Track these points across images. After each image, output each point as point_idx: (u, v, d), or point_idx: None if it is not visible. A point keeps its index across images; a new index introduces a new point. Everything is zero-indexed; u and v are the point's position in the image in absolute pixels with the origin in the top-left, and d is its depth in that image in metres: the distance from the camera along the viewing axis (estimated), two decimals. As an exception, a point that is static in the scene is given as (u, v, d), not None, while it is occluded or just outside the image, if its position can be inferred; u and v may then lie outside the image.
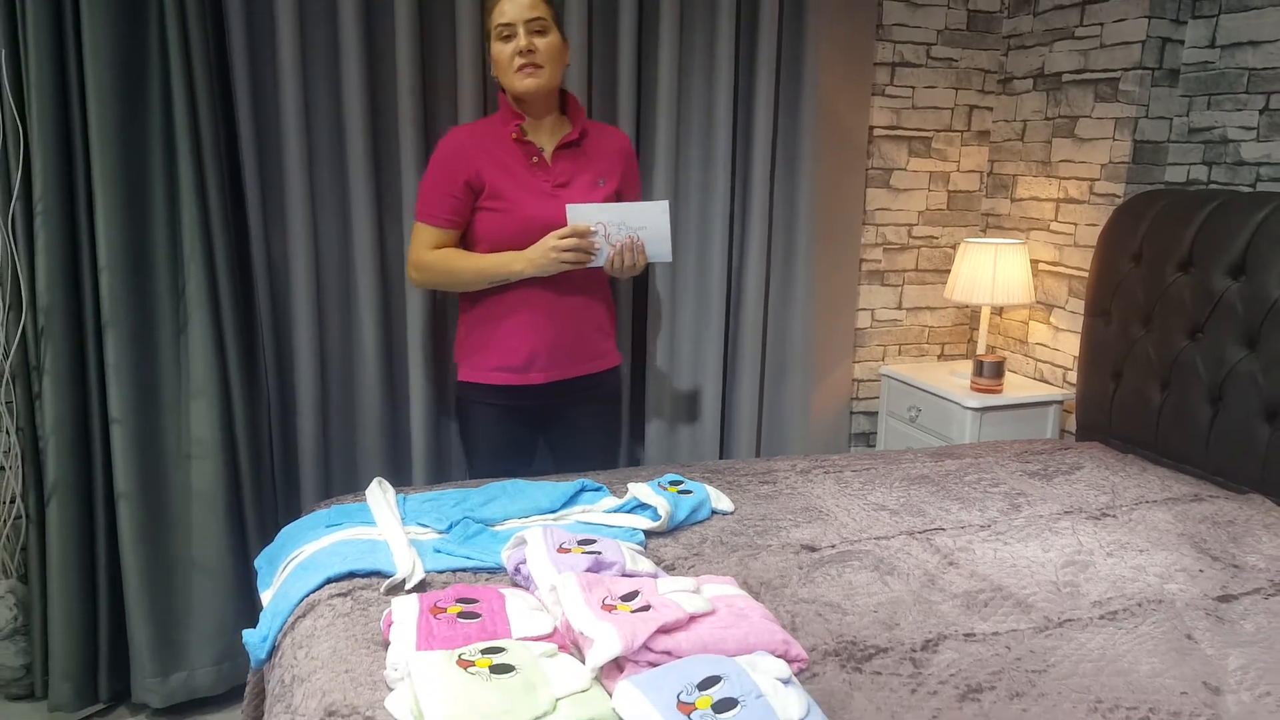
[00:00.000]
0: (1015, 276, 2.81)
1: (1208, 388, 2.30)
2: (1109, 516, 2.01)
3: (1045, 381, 3.01)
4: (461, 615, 1.39)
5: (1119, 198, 2.69)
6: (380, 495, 1.88)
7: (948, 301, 3.23)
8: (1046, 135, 2.94)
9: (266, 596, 1.72)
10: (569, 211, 2.05)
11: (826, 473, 2.25)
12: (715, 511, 1.97)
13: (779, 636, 1.37)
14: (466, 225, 2.16)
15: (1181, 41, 2.61)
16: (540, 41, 2.04)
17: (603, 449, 2.37)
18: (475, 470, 2.29)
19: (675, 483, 2.01)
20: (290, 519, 2.52)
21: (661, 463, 2.87)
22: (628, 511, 1.90)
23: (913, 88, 3.05)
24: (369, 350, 2.51)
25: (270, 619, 1.58)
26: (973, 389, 2.85)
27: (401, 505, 1.88)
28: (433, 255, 2.14)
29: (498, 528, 1.82)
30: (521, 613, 1.41)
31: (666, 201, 2.07)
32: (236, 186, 2.36)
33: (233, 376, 2.32)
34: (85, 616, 2.28)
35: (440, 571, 1.64)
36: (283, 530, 1.88)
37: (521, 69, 2.04)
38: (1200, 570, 1.76)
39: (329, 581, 1.60)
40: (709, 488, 2.02)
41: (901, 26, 2.99)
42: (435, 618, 1.38)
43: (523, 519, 1.85)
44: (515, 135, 2.12)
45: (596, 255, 2.08)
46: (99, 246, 2.16)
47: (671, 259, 2.17)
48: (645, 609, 1.35)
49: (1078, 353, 2.83)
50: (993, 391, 2.82)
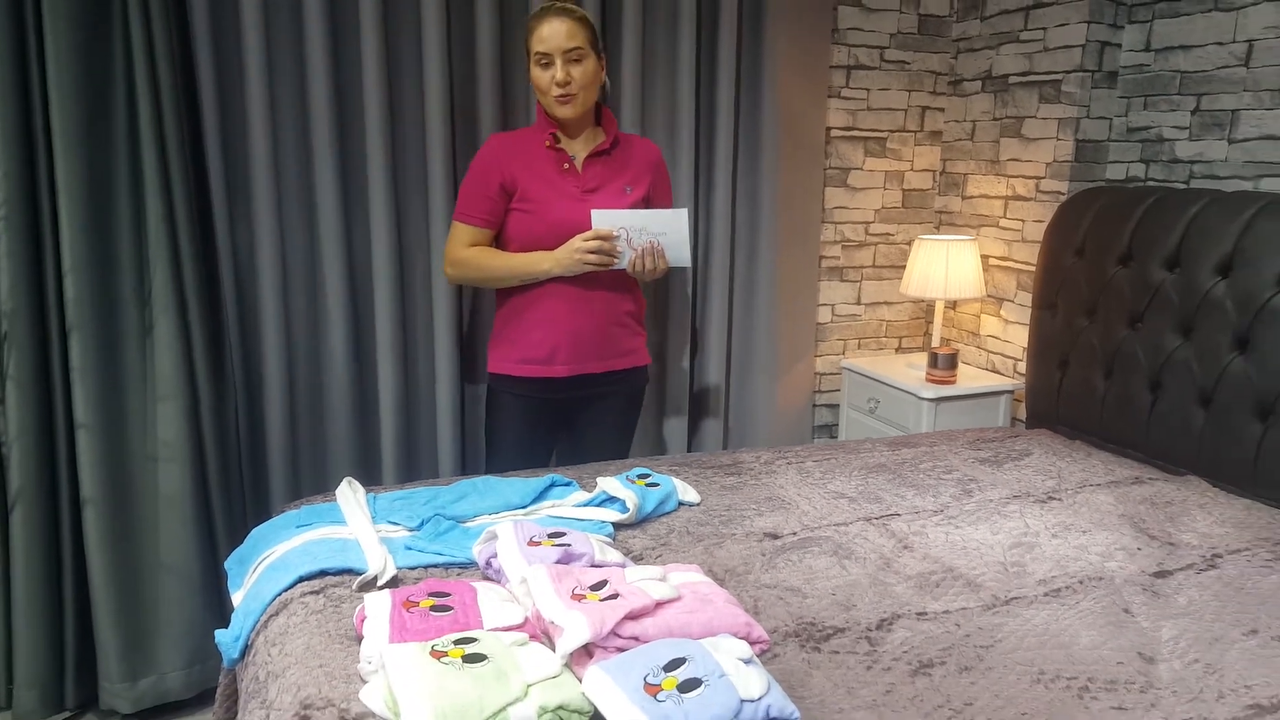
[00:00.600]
0: (967, 271, 2.90)
1: (1147, 375, 2.39)
2: (1054, 500, 2.10)
3: (997, 372, 3.11)
4: (434, 608, 1.42)
5: (1063, 195, 2.79)
6: (350, 495, 1.91)
7: (904, 296, 3.32)
8: (995, 135, 3.04)
9: (238, 597, 1.74)
10: (594, 216, 2.15)
11: (789, 463, 2.31)
12: (682, 503, 2.03)
13: (742, 619, 1.42)
14: (500, 225, 2.27)
15: (1119, 45, 2.71)
16: (576, 70, 2.15)
17: (616, 447, 2.45)
18: (494, 460, 2.37)
19: (643, 476, 2.06)
20: (259, 521, 2.53)
21: (634, 456, 2.92)
22: (597, 505, 1.95)
23: (867, 90, 3.13)
24: (337, 350, 2.53)
25: (243, 618, 1.60)
26: (928, 380, 2.93)
27: (372, 504, 1.91)
28: (468, 253, 2.26)
29: (468, 524, 1.85)
30: (493, 604, 1.45)
31: (686, 210, 2.18)
32: (202, 188, 2.36)
33: (200, 379, 2.33)
34: (51, 623, 2.26)
35: (412, 568, 1.67)
36: (253, 531, 1.89)
37: (559, 98, 2.16)
38: (1139, 549, 1.85)
39: (301, 580, 1.62)
40: (676, 480, 2.07)
41: (856, 31, 3.07)
42: (408, 611, 1.41)
43: (493, 515, 1.89)
44: (549, 143, 2.23)
45: (619, 258, 2.18)
46: (63, 249, 2.14)
47: (689, 265, 2.27)
48: (613, 597, 1.40)
49: (1027, 344, 2.92)
50: (947, 382, 2.91)
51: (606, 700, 1.20)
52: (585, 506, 1.94)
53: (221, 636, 1.60)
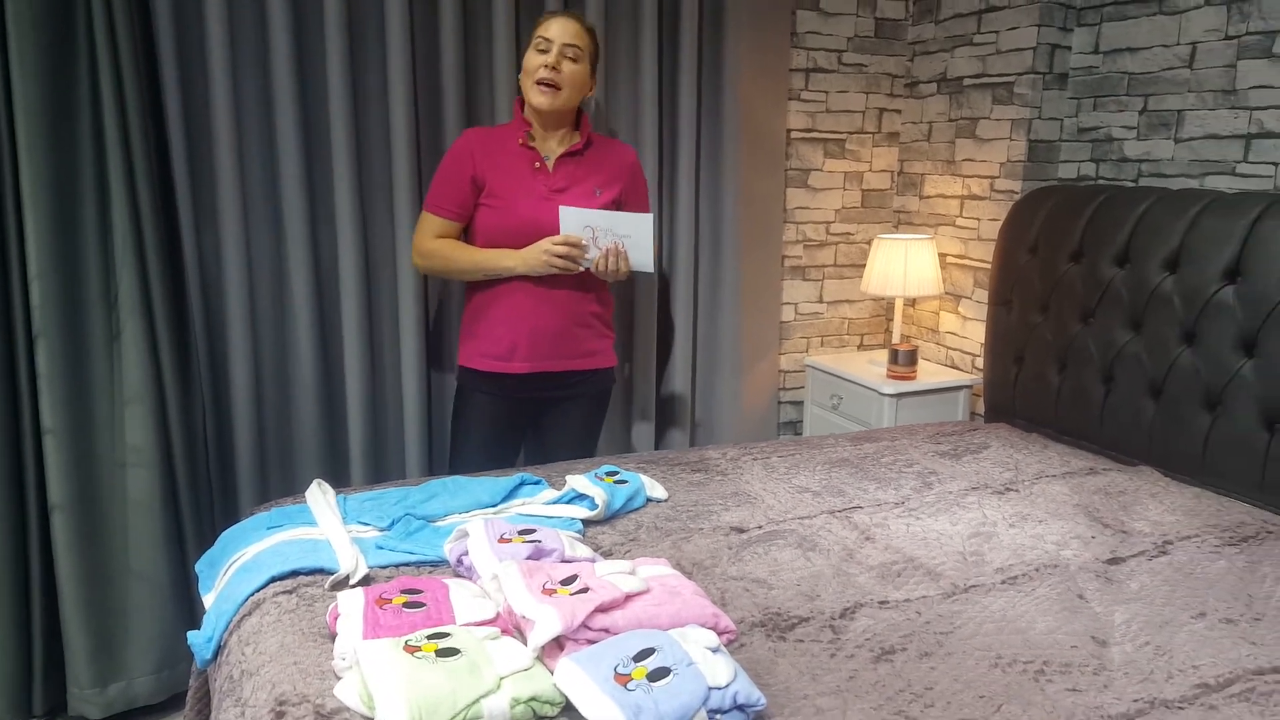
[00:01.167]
0: (925, 270, 2.96)
1: (1099, 369, 2.46)
2: (1012, 491, 2.15)
3: (956, 368, 3.17)
4: (407, 605, 1.44)
5: (1017, 194, 2.85)
6: (320, 496, 1.91)
7: (864, 294, 3.38)
8: (950, 136, 3.10)
9: (209, 599, 1.74)
10: (561, 213, 2.18)
11: (755, 459, 2.35)
12: (650, 499, 2.06)
13: (709, 611, 1.45)
14: (469, 219, 2.30)
15: (1069, 48, 2.79)
16: (568, 66, 2.19)
17: (582, 447, 2.47)
18: (458, 457, 2.38)
19: (611, 473, 2.09)
20: (227, 524, 2.53)
21: (603, 453, 2.95)
22: (566, 502, 1.98)
23: (826, 92, 3.18)
24: (304, 353, 2.53)
25: (215, 619, 1.60)
26: (889, 377, 2.99)
27: (342, 505, 1.91)
28: (436, 244, 2.29)
29: (439, 523, 1.87)
30: (465, 600, 1.47)
31: (652, 215, 2.20)
32: (167, 192, 2.36)
33: (167, 383, 2.32)
34: (19, 629, 2.25)
35: (384, 567, 1.69)
36: (223, 534, 1.89)
37: (540, 84, 2.18)
38: (1093, 537, 1.90)
39: (273, 580, 1.63)
40: (644, 477, 2.10)
41: (814, 34, 3.12)
42: (381, 608, 1.43)
43: (464, 514, 1.91)
44: (522, 141, 2.26)
45: (585, 262, 2.21)
46: (28, 255, 2.13)
47: (653, 270, 2.29)
48: (584, 591, 1.42)
49: (984, 339, 2.98)
50: (907, 378, 2.97)
51: (578, 690, 1.23)
52: (555, 504, 1.97)
53: (194, 638, 1.60)
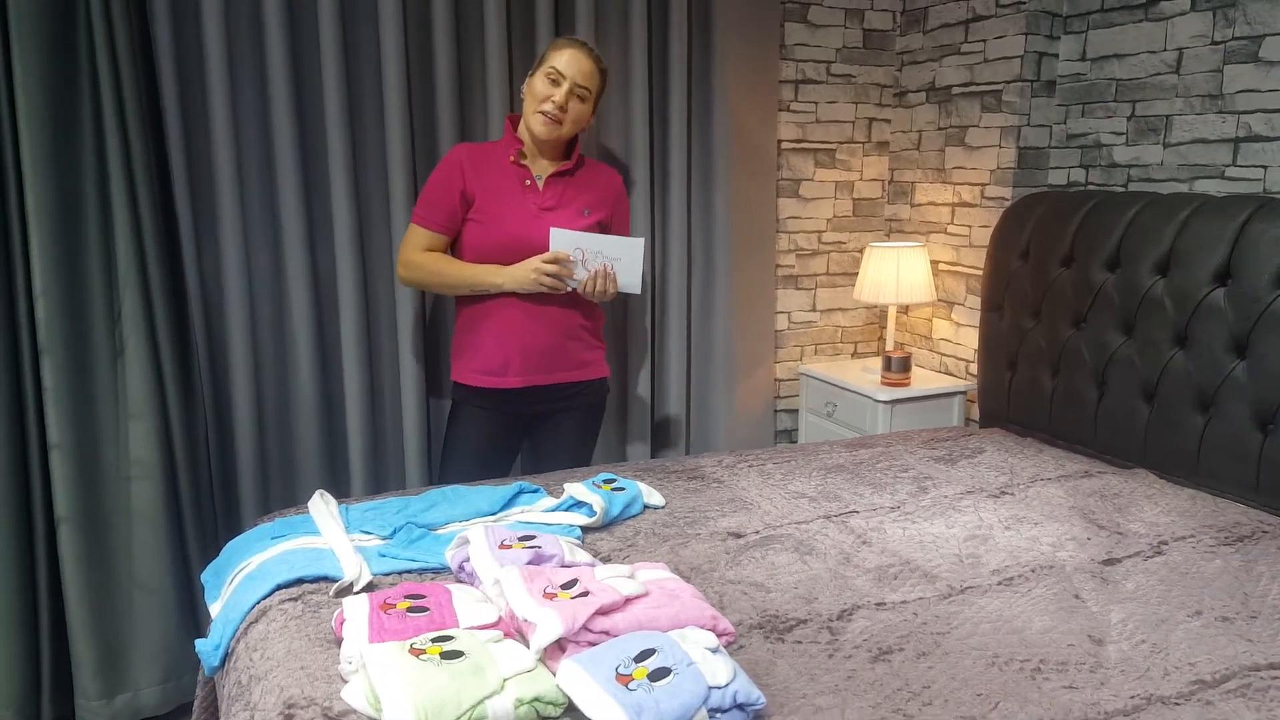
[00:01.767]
0: (917, 277, 2.99)
1: (1093, 373, 2.48)
2: (1007, 494, 2.17)
3: (949, 374, 3.19)
4: (411, 610, 1.46)
5: (1007, 200, 2.89)
6: (323, 506, 1.93)
7: (857, 302, 3.40)
8: (940, 144, 3.14)
9: (215, 608, 1.76)
10: (552, 234, 2.20)
11: (750, 466, 2.37)
12: (647, 506, 2.08)
13: (708, 613, 1.47)
14: (457, 233, 2.31)
15: (1056, 55, 2.83)
16: (575, 105, 2.22)
17: (577, 458, 2.48)
18: (450, 470, 2.39)
19: (609, 481, 2.11)
20: (230, 536, 2.54)
21: (598, 463, 2.97)
22: (565, 510, 2.00)
23: (815, 103, 3.22)
24: (304, 366, 2.55)
25: (222, 626, 1.62)
26: (883, 383, 3.01)
27: (344, 515, 1.93)
28: (422, 256, 2.30)
29: (440, 531, 1.89)
30: (468, 605, 1.48)
31: (643, 239, 2.23)
32: (168, 211, 2.39)
33: (170, 397, 2.35)
34: (27, 642, 2.27)
35: (387, 574, 1.71)
36: (228, 544, 1.91)
37: (545, 115, 2.20)
38: (1088, 538, 1.92)
39: (279, 588, 1.65)
40: (641, 484, 2.12)
41: (803, 46, 3.15)
42: (386, 613, 1.45)
43: (464, 522, 1.93)
44: (513, 158, 2.28)
45: (573, 282, 2.23)
46: (33, 273, 2.16)
47: (640, 292, 2.31)
48: (584, 595, 1.44)
49: (977, 345, 3.01)
50: (901, 385, 2.99)
51: (580, 691, 1.25)
52: (553, 511, 1.99)
53: (202, 645, 1.62)
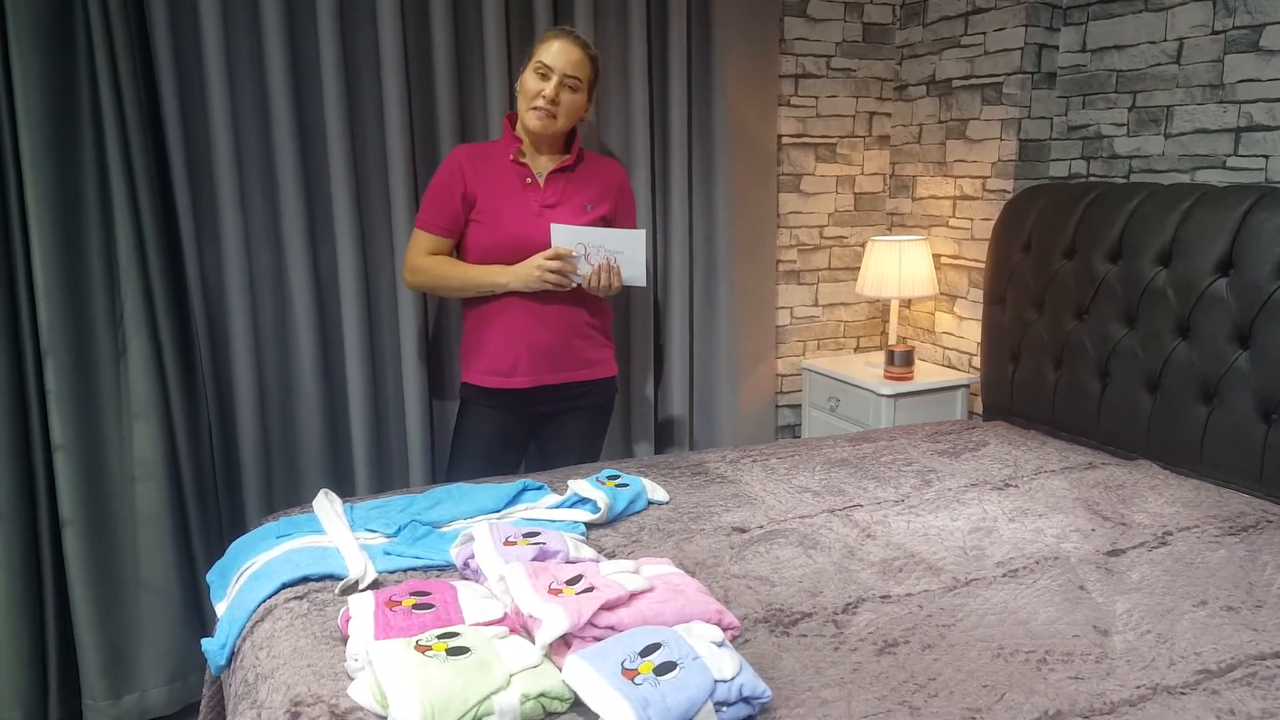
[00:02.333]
0: (920, 270, 2.99)
1: (1096, 364, 2.48)
2: (1011, 487, 2.17)
3: (952, 367, 3.19)
4: (416, 607, 1.46)
5: (1009, 193, 2.88)
6: (327, 505, 1.94)
7: (859, 297, 3.40)
8: (941, 137, 3.13)
9: (221, 607, 1.76)
10: (553, 230, 2.19)
11: (754, 461, 2.37)
12: (651, 502, 2.08)
13: (713, 607, 1.47)
14: (461, 235, 2.30)
15: (1056, 47, 2.82)
16: (566, 96, 2.21)
17: (584, 457, 2.48)
18: (458, 469, 2.39)
19: (613, 477, 2.11)
20: (235, 536, 2.55)
21: (601, 460, 2.97)
22: (569, 506, 2.00)
23: (816, 97, 3.21)
24: (306, 366, 2.56)
25: (228, 625, 1.63)
26: (886, 377, 3.01)
27: (349, 514, 1.94)
28: (426, 260, 2.30)
29: (444, 529, 1.89)
30: (473, 601, 1.49)
31: (644, 231, 2.22)
32: (169, 212, 2.39)
33: (173, 398, 2.35)
34: (33, 643, 2.28)
35: (391, 572, 1.71)
36: (233, 544, 1.92)
37: (538, 110, 2.19)
38: (1093, 529, 1.92)
39: (284, 586, 1.65)
40: (644, 480, 2.12)
41: (802, 40, 3.15)
42: (391, 610, 1.45)
43: (468, 519, 1.93)
44: (513, 157, 2.27)
45: (577, 278, 2.22)
46: (35, 275, 2.17)
47: (645, 285, 2.30)
48: (589, 590, 1.44)
49: (980, 338, 3.00)
50: (905, 379, 2.99)
51: (586, 686, 1.25)
52: (558, 508, 1.99)
53: (208, 644, 1.62)
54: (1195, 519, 1.96)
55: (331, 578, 1.68)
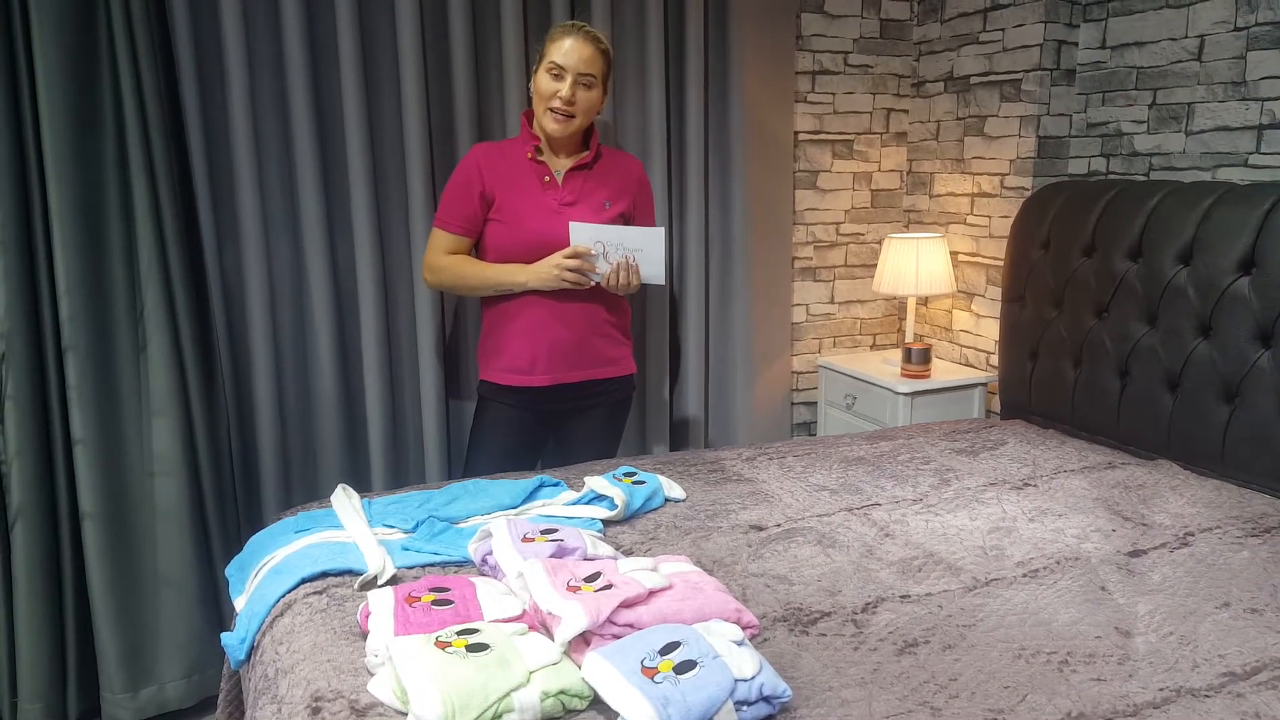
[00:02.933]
0: (937, 268, 2.97)
1: (1115, 363, 2.47)
2: (1030, 486, 2.16)
3: (970, 365, 3.18)
4: (435, 603, 1.46)
5: (1027, 190, 2.87)
6: (345, 500, 1.95)
7: (876, 294, 3.39)
8: (959, 134, 3.12)
9: (240, 602, 1.77)
10: (571, 229, 2.19)
11: (770, 459, 2.37)
12: (668, 499, 2.08)
13: (732, 606, 1.47)
14: (479, 234, 2.30)
15: (1076, 44, 2.80)
16: (583, 95, 2.20)
17: (602, 454, 2.48)
18: (476, 466, 2.39)
19: (629, 474, 2.11)
20: (253, 532, 2.57)
21: (619, 457, 2.97)
22: (586, 503, 2.00)
23: (833, 94, 3.20)
24: (324, 362, 2.56)
25: (248, 620, 1.63)
26: (903, 375, 3.00)
27: (367, 509, 1.94)
28: (446, 260, 2.29)
29: (462, 525, 1.90)
30: (492, 597, 1.49)
31: (662, 229, 2.21)
32: (189, 209, 2.40)
33: (192, 394, 2.37)
34: (53, 636, 2.29)
35: (410, 567, 1.71)
36: (252, 539, 1.92)
37: (555, 112, 2.19)
38: (1113, 530, 1.90)
39: (304, 582, 1.66)
40: (661, 478, 2.12)
41: (819, 37, 3.14)
42: (411, 606, 1.45)
43: (486, 515, 1.93)
44: (531, 155, 2.26)
45: (595, 276, 2.22)
46: (57, 271, 2.18)
47: (664, 282, 2.29)
48: (607, 588, 1.44)
49: (998, 336, 2.99)
50: (922, 377, 2.98)
51: (606, 684, 1.25)
52: (575, 505, 1.99)
53: (228, 639, 1.63)
54: (1217, 520, 1.95)
55: (350, 573, 1.69)
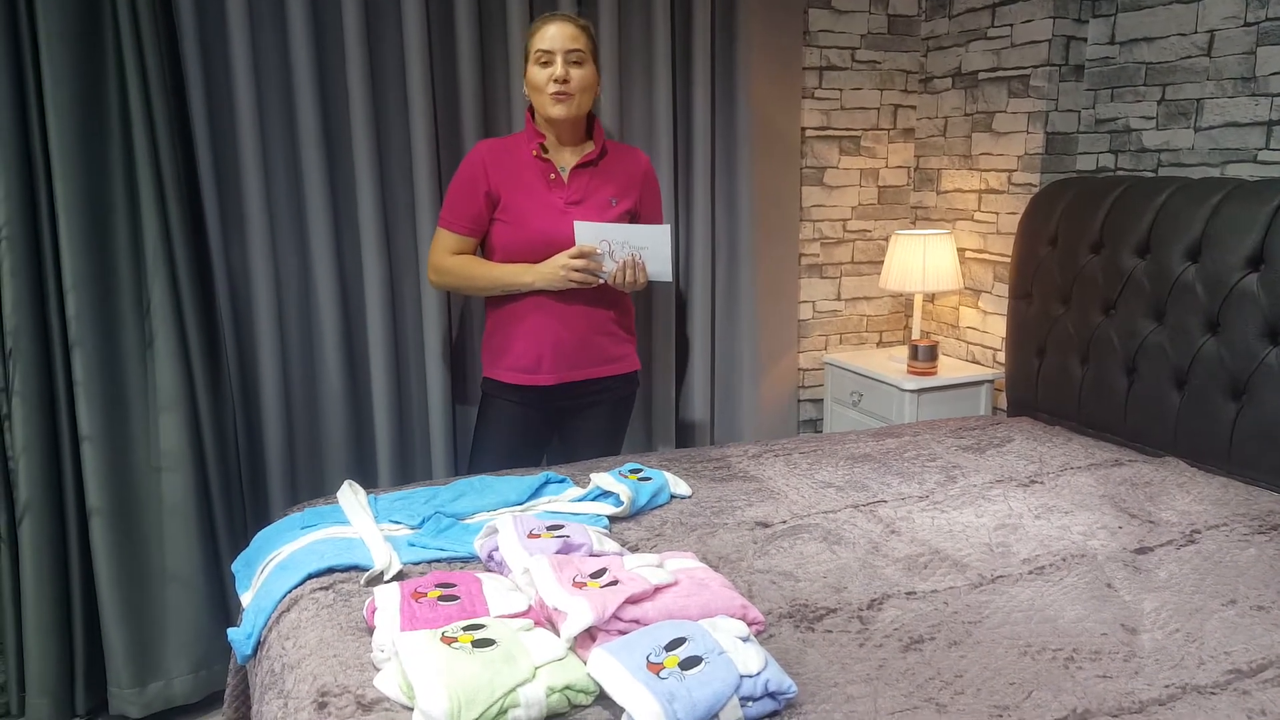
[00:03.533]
0: (944, 265, 2.96)
1: (1123, 360, 2.46)
2: (1037, 483, 2.15)
3: (976, 362, 3.17)
4: (442, 598, 1.47)
5: (1035, 186, 2.86)
6: (352, 496, 1.95)
7: (883, 291, 3.38)
8: (966, 130, 3.11)
9: (246, 597, 1.77)
10: (577, 228, 2.17)
11: (776, 456, 2.36)
12: (674, 496, 2.08)
13: (737, 602, 1.47)
14: (485, 234, 2.29)
15: (1084, 39, 2.79)
16: (575, 72, 2.18)
17: (606, 451, 2.47)
18: (480, 464, 2.39)
19: (635, 470, 2.11)
20: (259, 526, 2.57)
21: (623, 454, 2.97)
22: (591, 500, 2.00)
23: (840, 90, 3.19)
24: (330, 358, 2.57)
25: (254, 616, 1.64)
26: (910, 372, 2.99)
27: (373, 505, 1.95)
28: (451, 260, 2.28)
29: (468, 521, 1.90)
30: (498, 593, 1.49)
31: (668, 226, 2.20)
32: (196, 206, 2.41)
33: (199, 389, 2.37)
34: (61, 632, 2.31)
35: (416, 563, 1.72)
36: (258, 534, 1.93)
37: (555, 95, 2.17)
38: (1120, 527, 1.90)
39: (310, 577, 1.66)
40: (667, 474, 2.12)
41: (827, 32, 3.13)
42: (417, 602, 1.46)
43: (492, 512, 1.94)
44: (536, 153, 2.25)
45: (602, 275, 2.21)
46: (63, 267, 2.19)
47: (671, 280, 2.28)
48: (613, 584, 1.44)
49: (1005, 333, 2.98)
50: (928, 374, 2.97)
51: (611, 679, 1.25)
52: (580, 501, 1.99)
53: (234, 634, 1.63)
54: (1224, 517, 1.94)
55: (356, 569, 1.69)
